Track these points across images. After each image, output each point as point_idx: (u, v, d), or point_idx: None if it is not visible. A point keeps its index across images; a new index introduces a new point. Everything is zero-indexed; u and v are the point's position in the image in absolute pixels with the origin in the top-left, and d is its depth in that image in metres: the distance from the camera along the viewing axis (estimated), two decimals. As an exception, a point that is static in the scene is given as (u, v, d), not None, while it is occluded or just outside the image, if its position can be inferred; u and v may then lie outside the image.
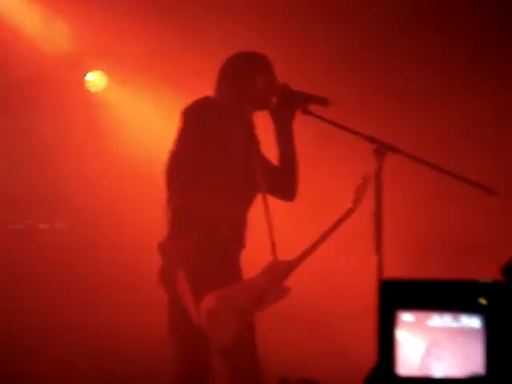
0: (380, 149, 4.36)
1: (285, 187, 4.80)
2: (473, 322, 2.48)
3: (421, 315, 2.49)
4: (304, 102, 4.66)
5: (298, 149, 4.78)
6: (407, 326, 2.48)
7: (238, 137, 4.64)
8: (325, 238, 4.67)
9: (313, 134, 5.42)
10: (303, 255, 4.65)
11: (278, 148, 4.76)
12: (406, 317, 2.47)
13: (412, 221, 6.44)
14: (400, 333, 2.47)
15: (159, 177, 4.56)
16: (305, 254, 4.65)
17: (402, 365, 2.47)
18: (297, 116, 4.71)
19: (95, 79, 6.68)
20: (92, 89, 6.69)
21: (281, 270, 4.59)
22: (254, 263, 4.65)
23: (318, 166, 6.33)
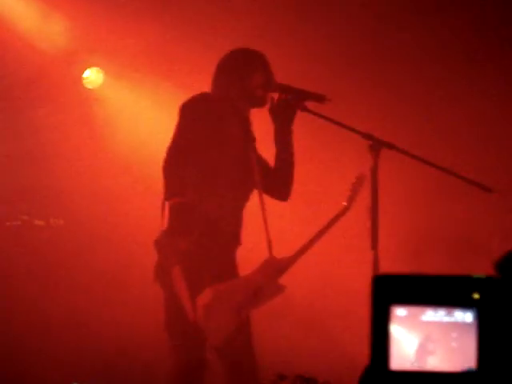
0: (375, 145, 4.37)
1: (279, 187, 4.80)
2: (467, 317, 2.48)
3: (414, 310, 2.49)
4: (301, 99, 4.67)
5: (295, 145, 4.79)
6: (401, 321, 2.48)
7: (235, 133, 4.64)
8: (320, 236, 4.69)
9: (309, 131, 5.41)
10: (298, 253, 4.67)
11: (276, 148, 4.77)
12: (400, 311, 2.48)
13: (410, 217, 6.44)
14: (394, 327, 2.48)
15: (156, 174, 4.57)
16: (300, 252, 4.67)
17: (396, 359, 2.48)
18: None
19: (92, 76, 6.67)
20: (89, 86, 6.68)
21: (276, 268, 4.60)
22: (251, 261, 4.66)
23: (315, 163, 6.32)
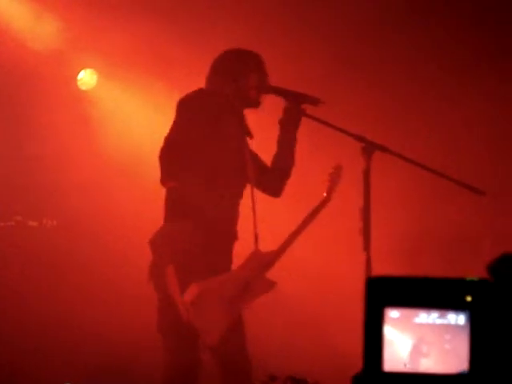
0: (368, 147, 4.38)
1: (274, 183, 4.82)
2: (459, 319, 2.49)
3: (408, 312, 2.50)
4: (295, 101, 4.69)
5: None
6: (394, 323, 2.49)
7: (231, 129, 4.65)
8: (302, 228, 4.72)
9: (302, 132, 5.41)
10: (283, 246, 4.68)
11: (278, 151, 4.78)
12: (393, 313, 2.49)
13: (403, 219, 6.45)
14: (387, 329, 2.49)
15: (150, 174, 4.57)
16: (284, 245, 4.68)
17: (389, 361, 2.49)
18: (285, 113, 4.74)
19: (86, 77, 6.67)
20: (83, 87, 6.68)
21: (262, 261, 4.61)
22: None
23: (305, 161, 6.32)
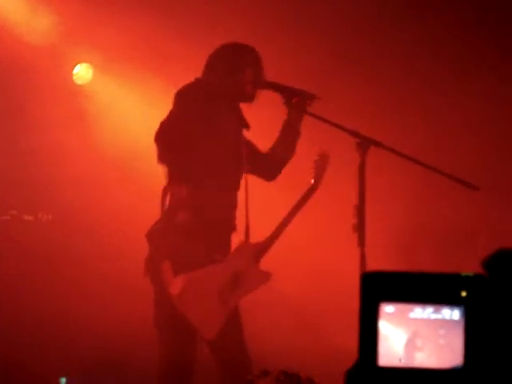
0: (363, 143, 4.39)
1: (268, 167, 4.83)
2: (454, 315, 2.50)
3: (403, 307, 2.51)
4: (290, 97, 4.70)
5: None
6: (389, 318, 2.50)
7: (228, 120, 4.65)
8: (291, 217, 4.73)
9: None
10: (272, 236, 4.69)
11: (279, 143, 4.79)
12: (388, 308, 2.50)
13: (398, 214, 6.46)
14: (382, 324, 2.50)
15: (146, 169, 4.57)
16: (274, 235, 4.69)
17: (384, 356, 2.50)
18: (280, 107, 4.75)
19: (82, 72, 6.66)
20: (79, 81, 6.67)
21: (251, 252, 4.62)
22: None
23: (300, 156, 6.33)
